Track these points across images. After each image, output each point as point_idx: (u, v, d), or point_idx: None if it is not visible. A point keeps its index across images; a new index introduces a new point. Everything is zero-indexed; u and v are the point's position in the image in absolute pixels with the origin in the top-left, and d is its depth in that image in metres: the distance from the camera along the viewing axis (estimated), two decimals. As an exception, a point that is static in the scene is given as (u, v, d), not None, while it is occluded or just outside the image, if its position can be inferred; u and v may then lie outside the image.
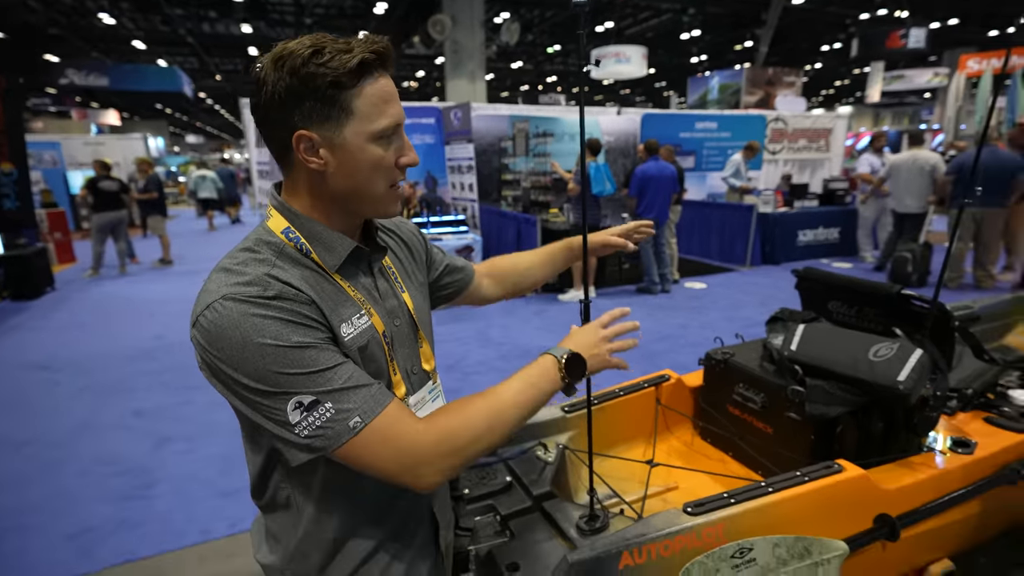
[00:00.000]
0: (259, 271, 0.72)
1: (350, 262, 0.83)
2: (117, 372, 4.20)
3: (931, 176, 6.02)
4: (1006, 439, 1.49)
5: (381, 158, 0.76)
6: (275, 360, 0.67)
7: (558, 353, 0.87)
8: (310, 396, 0.68)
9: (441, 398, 0.98)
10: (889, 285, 1.59)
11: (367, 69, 0.73)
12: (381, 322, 0.84)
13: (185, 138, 39.94)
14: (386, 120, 0.75)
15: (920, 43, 13.88)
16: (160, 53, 19.38)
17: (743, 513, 1.16)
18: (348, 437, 0.69)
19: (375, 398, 0.72)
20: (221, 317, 0.68)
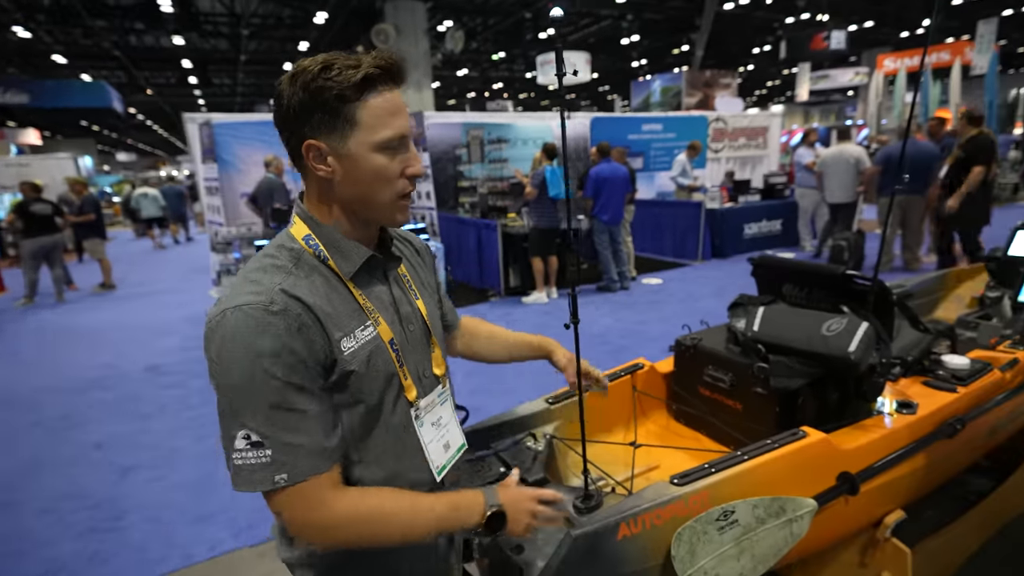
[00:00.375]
0: (273, 281, 0.77)
1: (365, 270, 0.87)
2: (68, 405, 4.00)
3: (856, 168, 6.49)
4: (942, 399, 1.66)
5: (385, 167, 0.80)
6: (252, 386, 0.72)
7: (488, 501, 0.87)
8: (258, 436, 0.73)
9: (450, 402, 1.02)
10: (834, 267, 1.75)
11: (371, 83, 0.77)
12: (389, 330, 0.87)
13: (115, 156, 37.87)
14: (389, 131, 0.79)
15: (841, 44, 14.85)
16: (83, 67, 18.37)
17: (723, 480, 1.27)
18: (266, 488, 0.74)
19: (312, 463, 0.75)
20: (224, 325, 0.73)
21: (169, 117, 28.23)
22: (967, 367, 1.78)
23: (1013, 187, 12.45)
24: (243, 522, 2.48)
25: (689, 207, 7.73)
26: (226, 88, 24.05)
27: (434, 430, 0.95)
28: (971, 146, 5.27)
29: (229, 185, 6.52)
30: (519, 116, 8.64)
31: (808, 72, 19.74)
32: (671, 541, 1.16)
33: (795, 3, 14.65)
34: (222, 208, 6.41)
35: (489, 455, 1.55)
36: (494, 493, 0.89)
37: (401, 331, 0.90)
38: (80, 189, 8.04)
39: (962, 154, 5.29)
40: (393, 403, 0.87)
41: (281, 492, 0.74)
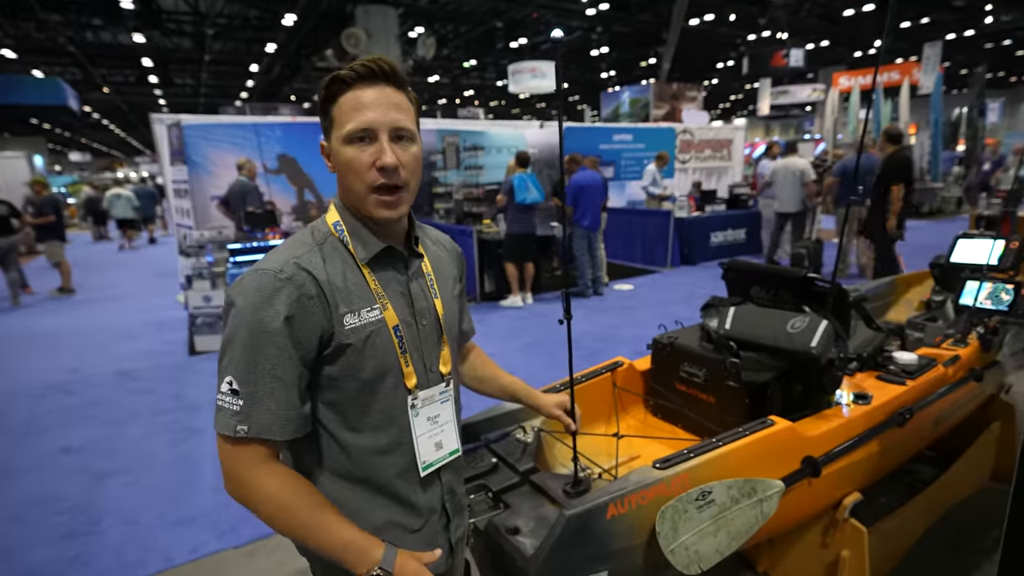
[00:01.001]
0: (292, 253, 0.87)
1: (383, 259, 0.94)
2: (29, 411, 3.87)
3: (801, 180, 6.90)
4: (893, 391, 1.83)
5: (353, 159, 0.86)
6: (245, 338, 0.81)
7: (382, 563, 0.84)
8: (238, 385, 0.81)
9: (451, 403, 1.03)
10: (797, 271, 1.90)
11: (343, 84, 0.87)
12: (396, 316, 0.92)
13: (68, 156, 36.29)
14: (351, 124, 0.85)
15: (799, 62, 15.53)
16: (35, 63, 17.62)
17: (701, 464, 1.38)
18: (226, 433, 0.81)
19: (271, 426, 0.82)
20: (240, 282, 0.84)
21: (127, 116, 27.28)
22: (915, 363, 1.95)
23: (957, 200, 13.25)
24: (226, 524, 2.48)
25: (659, 216, 7.97)
26: (188, 88, 23.42)
27: (428, 425, 0.97)
28: (889, 164, 5.30)
29: (199, 187, 6.39)
30: (493, 124, 8.75)
31: (769, 87, 20.54)
32: (656, 519, 1.26)
33: (756, 21, 15.26)
34: (191, 211, 6.28)
35: (481, 447, 1.63)
36: (392, 559, 0.85)
37: (413, 323, 0.95)
38: (40, 189, 7.74)
39: (880, 171, 5.34)
40: (393, 387, 0.92)
41: (234, 442, 0.82)
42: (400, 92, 0.90)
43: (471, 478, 1.51)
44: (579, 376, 1.94)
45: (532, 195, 5.72)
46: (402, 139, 0.89)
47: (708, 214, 8.42)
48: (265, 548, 2.30)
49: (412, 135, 0.91)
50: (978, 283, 2.40)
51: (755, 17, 14.99)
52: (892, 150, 5.36)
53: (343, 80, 0.86)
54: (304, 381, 0.86)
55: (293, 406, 0.84)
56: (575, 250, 6.27)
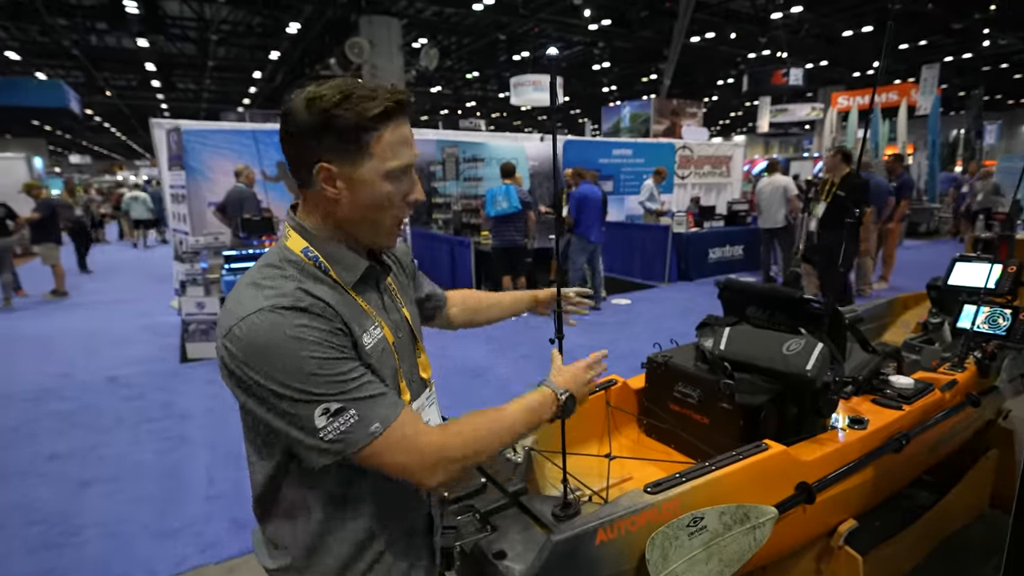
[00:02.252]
0: (290, 286, 0.80)
1: (362, 279, 0.91)
2: (19, 415, 3.82)
3: (784, 196, 6.97)
4: (890, 416, 1.80)
5: (390, 194, 0.86)
6: (310, 369, 0.75)
7: (557, 391, 1.02)
8: (337, 403, 0.76)
9: (436, 404, 1.08)
10: (793, 291, 1.88)
11: (388, 116, 0.83)
12: (391, 333, 0.93)
13: (68, 158, 36.33)
14: (398, 161, 0.85)
15: (799, 81, 15.68)
16: (39, 66, 17.71)
17: (693, 489, 1.35)
18: (369, 440, 0.78)
19: (392, 405, 0.81)
20: (258, 328, 0.75)
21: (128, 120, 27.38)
22: (912, 387, 1.93)
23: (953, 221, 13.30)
24: (210, 538, 2.43)
25: (657, 231, 7.98)
26: (191, 93, 23.55)
27: None
28: (850, 185, 4.83)
29: (196, 193, 6.38)
30: (493, 136, 8.78)
31: (768, 105, 20.73)
32: (645, 546, 1.23)
33: (757, 40, 15.42)
34: (188, 217, 6.26)
35: (470, 466, 1.60)
36: (555, 383, 1.03)
37: (396, 336, 0.95)
38: (37, 193, 7.73)
39: (841, 194, 4.83)
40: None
41: (382, 442, 0.78)
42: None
43: (459, 499, 1.48)
44: (572, 394, 1.92)
45: (500, 207, 5.69)
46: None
47: (706, 230, 8.43)
48: (247, 565, 2.25)
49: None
50: (976, 307, 2.39)
51: (755, 36, 15.16)
52: (846, 171, 4.89)
53: (388, 113, 0.82)
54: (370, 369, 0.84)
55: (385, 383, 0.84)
56: (573, 263, 6.25)
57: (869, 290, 6.77)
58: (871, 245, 6.65)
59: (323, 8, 12.71)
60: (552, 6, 13.38)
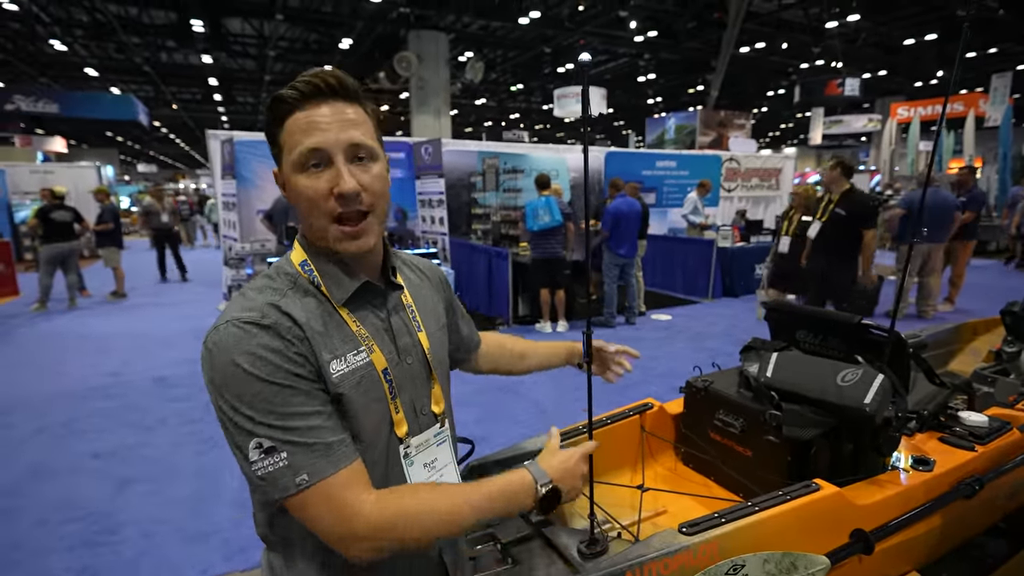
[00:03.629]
0: (265, 299, 0.76)
1: (361, 297, 0.84)
2: (72, 412, 3.99)
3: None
4: (960, 457, 1.62)
5: (306, 187, 0.76)
6: (253, 395, 0.70)
7: (539, 479, 0.87)
8: (270, 442, 0.70)
9: (448, 444, 0.96)
10: (850, 316, 1.73)
11: (288, 105, 0.76)
12: (383, 359, 0.83)
13: (136, 167, 38.69)
14: (299, 148, 0.75)
15: (855, 91, 15.04)
16: (113, 81, 18.97)
17: (734, 531, 1.23)
18: (292, 492, 0.71)
19: (331, 459, 0.72)
20: (221, 340, 0.72)
21: (192, 132, 28.96)
22: (986, 425, 1.74)
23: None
24: (236, 545, 2.44)
25: (701, 244, 7.74)
26: (248, 106, 24.68)
27: (426, 472, 0.90)
28: (852, 204, 4.28)
29: (246, 201, 6.62)
30: (535, 147, 8.76)
31: (822, 117, 19.97)
32: (678, 593, 1.12)
33: (810, 49, 14.91)
34: (238, 224, 6.49)
35: (493, 491, 1.52)
36: (540, 469, 0.88)
37: (398, 362, 0.86)
38: (102, 198, 8.19)
39: (842, 212, 4.29)
40: (385, 438, 0.83)
41: (307, 495, 0.71)
42: (354, 105, 0.79)
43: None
44: (604, 417, 1.82)
45: (543, 220, 5.60)
46: (362, 159, 0.78)
47: (753, 245, 8.12)
48: None
49: (373, 152, 0.79)
50: (1059, 336, 2.15)
51: (808, 46, 14.65)
52: (847, 186, 4.35)
53: (284, 100, 0.75)
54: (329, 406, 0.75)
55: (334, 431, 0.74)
56: (605, 277, 6.12)
57: (932, 312, 6.34)
58: (937, 264, 6.23)
59: (374, 24, 13.09)
60: (597, 19, 13.34)
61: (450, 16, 12.56)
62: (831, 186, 4.44)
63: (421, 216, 7.06)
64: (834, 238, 4.36)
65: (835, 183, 4.39)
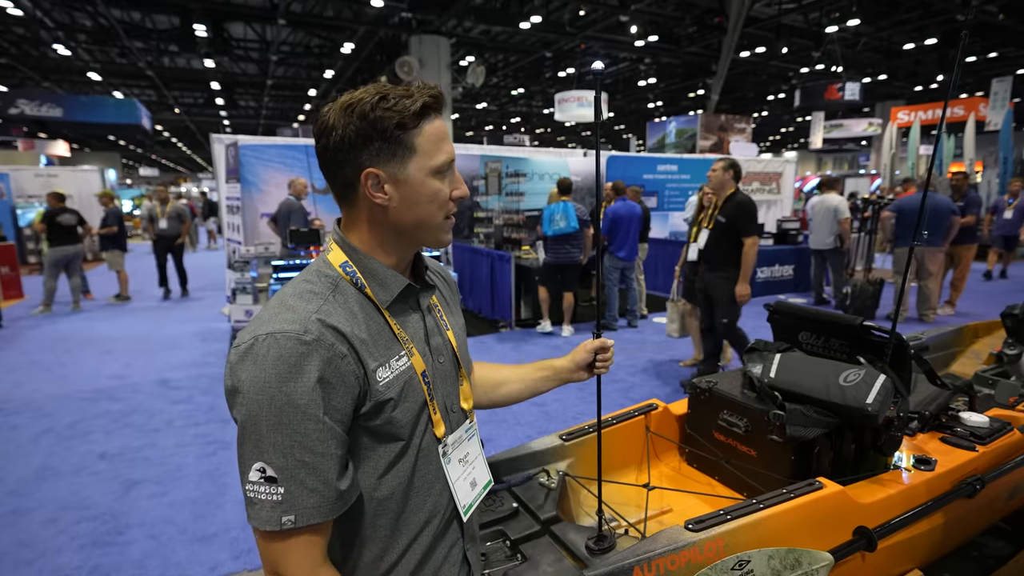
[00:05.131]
0: (309, 308, 0.75)
1: (401, 299, 0.86)
2: (77, 414, 4.01)
3: (835, 216, 6.69)
4: (961, 456, 1.65)
5: (439, 191, 0.83)
6: (274, 416, 0.69)
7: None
8: (274, 471, 0.70)
9: (476, 437, 1.00)
10: (852, 317, 1.76)
11: (427, 111, 0.80)
12: (422, 361, 0.86)
13: (139, 170, 38.83)
14: (443, 156, 0.83)
15: (855, 95, 15.07)
16: (117, 85, 19.07)
17: (739, 528, 1.26)
18: (272, 528, 0.70)
19: (321, 509, 0.71)
20: (254, 352, 0.71)
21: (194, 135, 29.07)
22: (987, 426, 1.76)
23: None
24: (244, 544, 2.46)
25: (701, 248, 7.75)
26: (250, 110, 24.77)
27: (461, 467, 0.93)
28: (732, 209, 3.93)
29: (250, 205, 6.65)
30: (536, 151, 8.80)
31: (822, 121, 20.02)
32: (685, 588, 1.14)
33: (810, 54, 14.97)
34: (241, 227, 6.52)
35: (501, 489, 1.55)
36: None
37: (432, 363, 0.89)
38: (106, 202, 8.22)
39: (723, 219, 3.95)
40: (421, 438, 0.85)
41: (281, 538, 0.71)
42: None
43: (489, 523, 1.43)
44: (610, 418, 1.84)
45: (558, 226, 5.62)
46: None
47: (754, 248, 8.13)
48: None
49: None
50: (1059, 339, 2.18)
51: (809, 50, 14.71)
52: (732, 190, 3.99)
53: (430, 107, 0.81)
54: (346, 446, 0.76)
55: (340, 477, 0.74)
56: (607, 280, 6.15)
57: (933, 316, 6.36)
58: (938, 267, 6.26)
59: (375, 29, 13.15)
60: (598, 24, 13.41)
61: (451, 21, 12.61)
62: (719, 190, 4.05)
63: (424, 219, 7.10)
64: (714, 247, 4.06)
65: (723, 186, 4.02)
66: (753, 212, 3.97)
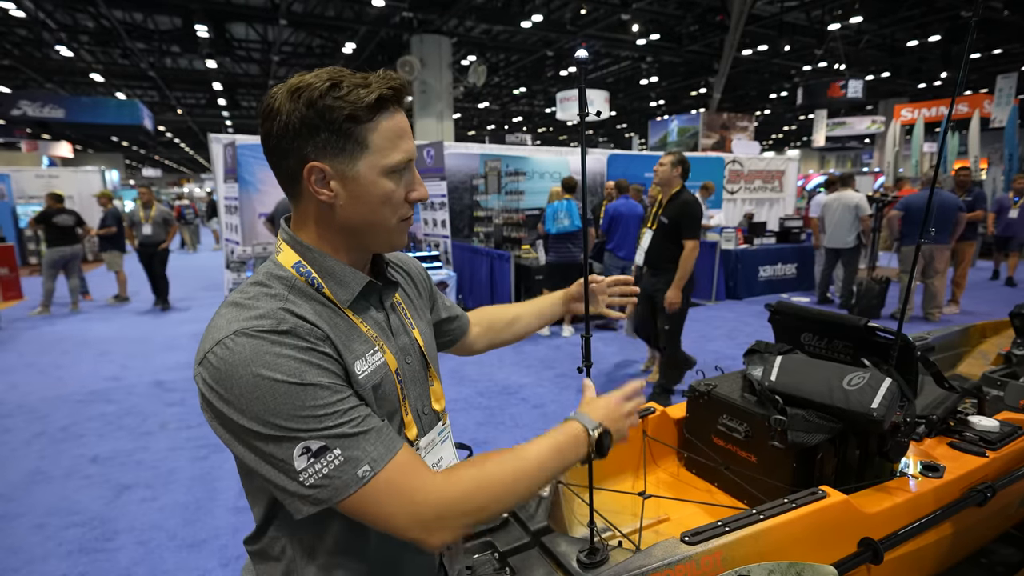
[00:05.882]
0: (272, 305, 0.70)
1: (362, 297, 0.81)
2: (71, 416, 3.97)
3: (855, 214, 6.55)
4: (970, 463, 1.58)
5: (392, 192, 0.76)
6: (288, 400, 0.65)
7: (589, 425, 0.85)
8: (319, 441, 0.65)
9: (450, 440, 0.95)
10: (856, 318, 1.69)
11: (384, 104, 0.73)
12: (394, 359, 0.81)
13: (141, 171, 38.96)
14: (399, 155, 0.75)
15: (858, 93, 14.98)
16: (119, 86, 19.09)
17: (738, 540, 1.20)
18: (356, 487, 0.66)
19: (387, 444, 0.69)
20: (232, 354, 0.65)
21: (196, 136, 29.10)
22: (996, 430, 1.70)
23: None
24: (233, 551, 2.41)
25: (703, 247, 7.68)
26: (252, 111, 24.76)
27: None
28: (675, 209, 3.67)
29: (248, 204, 6.62)
30: (536, 150, 8.74)
31: (825, 119, 19.91)
32: (681, 605, 1.08)
33: (813, 52, 14.86)
34: (239, 227, 6.48)
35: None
36: (587, 417, 0.87)
37: (401, 363, 0.83)
38: (105, 202, 8.20)
39: (665, 220, 3.71)
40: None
41: (371, 491, 0.66)
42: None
43: (478, 534, 1.37)
44: (605, 422, 1.79)
45: (562, 224, 5.58)
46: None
47: (757, 247, 8.07)
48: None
49: None
50: (1070, 339, 2.11)
51: (811, 48, 14.61)
52: (678, 187, 3.73)
53: (387, 100, 0.73)
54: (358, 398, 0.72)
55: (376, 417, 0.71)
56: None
57: (939, 314, 6.28)
58: (944, 265, 6.18)
59: (377, 29, 13.12)
60: (599, 23, 13.34)
61: (453, 20, 12.57)
62: (665, 187, 3.78)
63: (423, 219, 7.04)
64: (657, 250, 3.81)
65: (670, 183, 3.74)
66: (697, 213, 3.68)
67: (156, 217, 7.47)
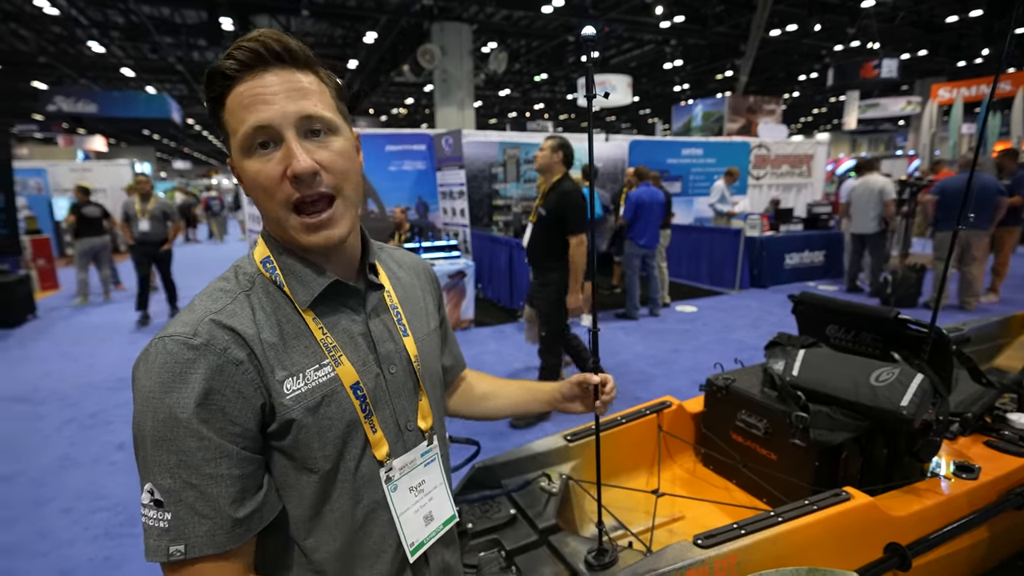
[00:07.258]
0: (210, 308, 0.66)
1: (332, 299, 0.74)
2: (100, 403, 4.09)
3: (880, 199, 6.34)
4: (1009, 463, 1.49)
5: (257, 173, 0.66)
6: (158, 432, 0.61)
7: None
8: (160, 494, 0.61)
9: (437, 463, 0.84)
10: (886, 309, 1.61)
11: (227, 79, 0.65)
12: (354, 372, 0.73)
13: (172, 164, 39.90)
14: (243, 127, 0.64)
15: (892, 73, 14.37)
16: (149, 80, 19.48)
17: (754, 544, 1.15)
18: (160, 559, 0.61)
19: (215, 538, 0.62)
20: (145, 358, 0.63)
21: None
22: (1037, 428, 1.60)
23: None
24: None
25: (728, 234, 7.51)
26: (277, 103, 25.04)
27: (412, 497, 0.79)
28: (555, 200, 3.23)
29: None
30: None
31: (856, 100, 19.21)
32: (692, 611, 1.04)
33: (845, 31, 14.30)
34: (260, 218, 6.56)
35: (499, 495, 1.46)
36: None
37: (378, 373, 0.76)
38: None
39: (544, 212, 3.29)
40: (356, 462, 0.72)
41: (173, 569, 0.62)
42: (305, 72, 0.68)
43: (485, 531, 1.35)
44: (619, 416, 1.74)
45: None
46: (318, 133, 0.67)
47: (783, 234, 7.84)
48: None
49: (331, 125, 0.68)
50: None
51: (843, 27, 14.05)
52: (559, 175, 3.29)
53: (223, 73, 0.64)
54: (250, 466, 0.65)
55: (240, 503, 0.63)
56: (626, 268, 5.99)
57: (975, 304, 6.01)
58: (983, 252, 5.91)
59: (398, 18, 13.08)
60: (622, 6, 13.04)
61: (473, 7, 12.44)
62: (547, 175, 3.34)
63: (442, 208, 7.02)
64: (536, 246, 3.35)
65: (551, 170, 3.31)
66: (580, 204, 3.18)
67: (154, 211, 6.20)
